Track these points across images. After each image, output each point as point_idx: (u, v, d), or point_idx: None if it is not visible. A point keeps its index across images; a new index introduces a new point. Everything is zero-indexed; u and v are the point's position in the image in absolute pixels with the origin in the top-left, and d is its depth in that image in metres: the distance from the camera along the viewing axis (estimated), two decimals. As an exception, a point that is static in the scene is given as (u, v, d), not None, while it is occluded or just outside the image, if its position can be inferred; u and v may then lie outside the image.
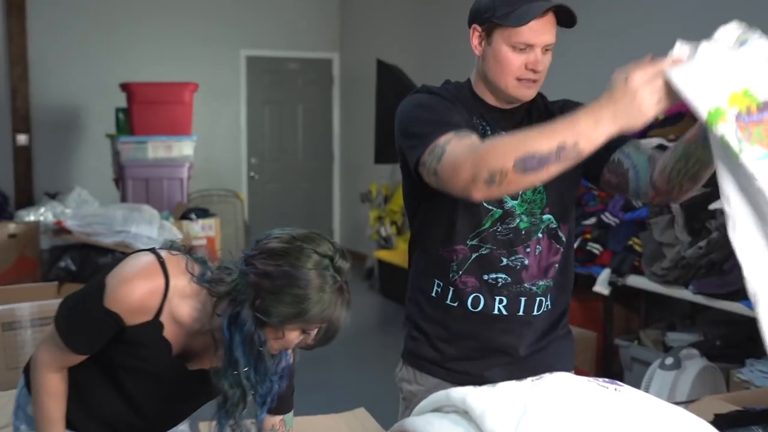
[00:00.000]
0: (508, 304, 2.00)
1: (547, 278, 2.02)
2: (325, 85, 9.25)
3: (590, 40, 5.52)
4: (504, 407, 1.22)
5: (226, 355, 1.68)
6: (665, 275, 3.86)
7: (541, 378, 1.31)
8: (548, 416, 1.19)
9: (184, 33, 8.16)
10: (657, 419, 1.25)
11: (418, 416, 1.39)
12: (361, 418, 2.86)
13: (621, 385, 1.34)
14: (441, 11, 7.05)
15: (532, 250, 1.99)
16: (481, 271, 1.99)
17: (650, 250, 4.03)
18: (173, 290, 1.70)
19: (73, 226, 5.72)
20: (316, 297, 1.60)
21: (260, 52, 8.78)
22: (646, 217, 4.15)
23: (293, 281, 1.59)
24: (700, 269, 3.71)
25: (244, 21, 8.57)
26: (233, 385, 1.70)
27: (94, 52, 7.86)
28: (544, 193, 1.97)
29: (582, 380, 1.32)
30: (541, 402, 1.22)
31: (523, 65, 1.91)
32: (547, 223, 2.00)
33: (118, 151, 6.47)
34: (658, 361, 3.74)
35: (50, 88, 7.80)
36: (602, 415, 1.22)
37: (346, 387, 4.68)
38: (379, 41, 7.91)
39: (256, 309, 1.62)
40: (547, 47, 1.91)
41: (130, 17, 7.96)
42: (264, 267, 1.62)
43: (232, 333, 1.65)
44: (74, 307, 1.78)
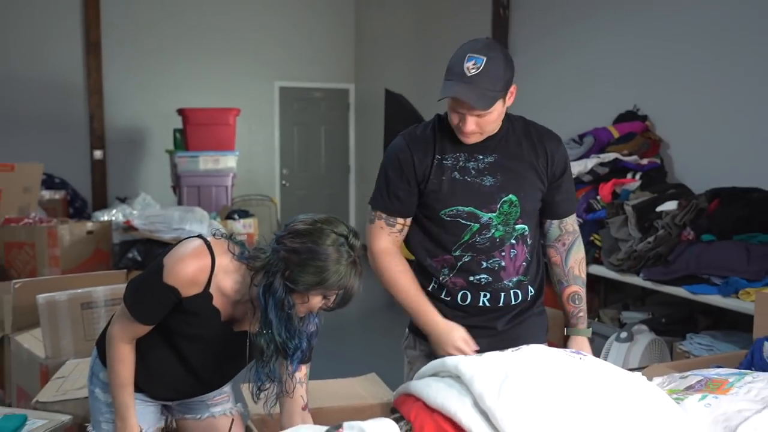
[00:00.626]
0: (491, 297, 2.02)
1: (519, 274, 2.02)
2: (343, 111, 9.24)
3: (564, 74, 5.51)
4: (489, 373, 1.22)
5: (262, 317, 1.70)
6: (620, 265, 3.85)
7: (519, 349, 1.31)
8: (525, 380, 1.19)
9: (229, 68, 8.17)
10: (613, 381, 1.25)
11: (419, 380, 1.39)
12: (373, 382, 2.86)
13: (585, 354, 1.34)
14: (439, 49, 7.05)
15: (506, 253, 1.99)
16: (466, 273, 2.01)
17: (608, 244, 4.03)
18: (218, 267, 1.72)
19: (138, 224, 5.75)
20: (334, 268, 1.63)
21: (290, 83, 8.79)
22: (605, 217, 4.13)
23: (315, 255, 1.63)
24: (648, 260, 3.70)
25: (278, 58, 8.57)
26: (268, 342, 1.71)
27: (156, 83, 7.88)
28: (518, 207, 1.97)
29: (553, 350, 1.32)
30: (519, 368, 1.22)
31: (456, 122, 1.91)
32: (520, 231, 2.00)
33: (175, 164, 6.52)
34: (615, 335, 3.72)
35: (121, 113, 7.82)
36: (570, 379, 1.21)
37: (360, 356, 4.68)
38: (387, 74, 7.90)
39: (286, 279, 1.64)
40: (479, 114, 1.86)
41: (185, 55, 7.97)
42: (291, 244, 1.65)
43: (267, 299, 1.67)
44: (139, 286, 1.78)
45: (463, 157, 1.97)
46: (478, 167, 1.96)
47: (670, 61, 4.49)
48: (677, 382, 1.70)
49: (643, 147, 4.48)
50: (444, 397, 1.24)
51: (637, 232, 3.84)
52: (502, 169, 1.96)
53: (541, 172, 1.99)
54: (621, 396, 1.21)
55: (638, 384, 1.28)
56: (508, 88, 1.91)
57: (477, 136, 1.93)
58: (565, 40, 5.40)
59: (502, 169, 1.96)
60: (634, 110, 4.73)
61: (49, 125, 7.51)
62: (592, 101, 5.10)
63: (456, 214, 1.98)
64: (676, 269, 3.51)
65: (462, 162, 1.97)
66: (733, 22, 4.07)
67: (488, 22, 6.11)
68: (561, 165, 2.02)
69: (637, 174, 4.32)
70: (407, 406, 1.33)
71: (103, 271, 4.71)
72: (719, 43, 4.16)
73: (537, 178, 1.99)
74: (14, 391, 3.57)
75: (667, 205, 3.84)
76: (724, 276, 3.32)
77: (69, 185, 7.36)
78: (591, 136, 4.65)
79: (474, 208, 1.96)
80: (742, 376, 1.61)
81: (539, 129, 2.06)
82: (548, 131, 2.06)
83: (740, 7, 4.03)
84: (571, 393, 1.18)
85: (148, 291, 1.74)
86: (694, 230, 3.62)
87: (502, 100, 1.90)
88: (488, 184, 1.95)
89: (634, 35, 4.76)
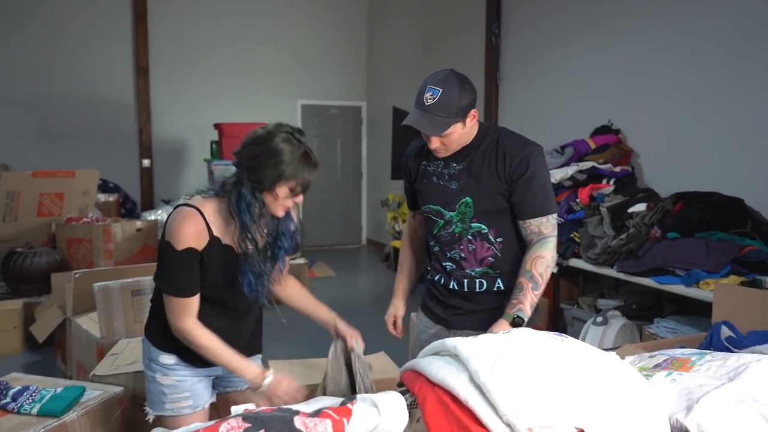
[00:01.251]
0: (457, 283, 2.07)
1: (482, 266, 2.03)
2: (356, 125, 9.24)
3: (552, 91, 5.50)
4: (483, 352, 1.21)
5: (240, 225, 1.71)
6: (596, 259, 3.83)
7: (510, 332, 1.30)
8: (515, 358, 1.19)
9: (258, 88, 8.19)
10: (591, 359, 1.24)
11: (422, 358, 1.39)
12: (382, 359, 2.86)
13: (566, 336, 1.33)
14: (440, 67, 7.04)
15: (465, 247, 2.03)
16: (438, 261, 2.11)
17: (586, 240, 4.01)
18: (207, 213, 1.72)
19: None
20: (288, 159, 1.67)
21: (311, 101, 8.79)
22: (583, 217, 4.12)
23: (271, 153, 1.66)
24: (621, 254, 3.68)
25: (300, 79, 8.58)
26: (251, 242, 1.73)
27: (196, 101, 7.90)
28: (472, 208, 1.99)
29: (539, 333, 1.32)
30: (509, 348, 1.22)
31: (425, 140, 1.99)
32: (476, 229, 2.01)
33: (212, 171, 6.52)
34: (591, 319, 3.71)
35: (165, 127, 7.86)
36: (553, 357, 1.21)
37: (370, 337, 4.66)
38: (395, 93, 7.90)
39: (252, 182, 1.67)
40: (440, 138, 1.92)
41: (221, 77, 7.99)
42: (249, 152, 1.69)
43: (240, 208, 1.69)
44: (164, 270, 1.73)
45: (442, 165, 2.04)
46: (450, 173, 2.02)
47: (640, 81, 4.48)
48: (646, 360, 1.69)
49: (616, 156, 4.47)
50: (444, 373, 1.24)
51: (611, 230, 3.83)
52: (466, 175, 1.99)
53: (501, 176, 1.95)
54: (598, 372, 1.20)
55: (613, 362, 1.27)
56: (466, 113, 1.91)
57: (445, 151, 1.98)
58: (548, 63, 5.38)
59: (466, 175, 1.99)
60: (609, 124, 4.72)
61: (105, 138, 7.56)
62: (572, 116, 5.09)
63: (429, 210, 2.08)
64: (645, 262, 3.50)
65: (440, 168, 2.04)
66: (694, 49, 4.06)
67: (482, 47, 6.10)
68: (520, 170, 1.93)
69: (611, 180, 4.31)
70: (412, 380, 1.33)
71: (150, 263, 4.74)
72: (683, 67, 4.15)
73: (495, 182, 1.95)
74: (74, 366, 3.59)
75: (637, 207, 3.83)
76: (687, 269, 3.31)
77: (121, 189, 7.40)
78: (571, 147, 4.65)
79: (440, 207, 2.05)
80: (703, 355, 1.60)
81: (510, 138, 2.00)
82: (519, 141, 1.99)
83: (700, 35, 4.02)
84: (555, 369, 1.17)
85: (174, 267, 1.70)
86: (661, 229, 3.61)
87: (462, 123, 1.92)
88: (453, 188, 2.01)
89: (609, 58, 4.74)
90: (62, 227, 5.18)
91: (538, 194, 1.96)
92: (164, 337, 1.85)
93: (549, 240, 1.97)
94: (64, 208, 5.55)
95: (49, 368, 4.15)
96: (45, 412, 2.06)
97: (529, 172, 1.93)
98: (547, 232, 1.97)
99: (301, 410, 1.16)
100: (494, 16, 5.94)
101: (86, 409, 2.15)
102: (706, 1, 4.00)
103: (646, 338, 3.43)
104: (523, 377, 1.14)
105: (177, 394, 1.87)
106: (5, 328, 4.50)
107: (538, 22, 5.51)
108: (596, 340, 3.49)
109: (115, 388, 2.34)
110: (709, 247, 3.28)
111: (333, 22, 8.80)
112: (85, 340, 3.33)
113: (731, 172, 3.83)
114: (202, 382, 1.92)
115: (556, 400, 1.12)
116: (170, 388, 1.87)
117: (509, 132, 2.04)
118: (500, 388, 1.12)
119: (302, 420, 1.09)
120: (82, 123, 7.43)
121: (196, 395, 1.89)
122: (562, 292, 4.51)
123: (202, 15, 7.95)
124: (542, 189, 1.96)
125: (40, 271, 4.76)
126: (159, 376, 1.88)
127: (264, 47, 8.28)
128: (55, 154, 7.13)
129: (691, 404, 1.34)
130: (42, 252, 4.91)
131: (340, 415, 1.13)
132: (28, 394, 2.13)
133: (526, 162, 1.94)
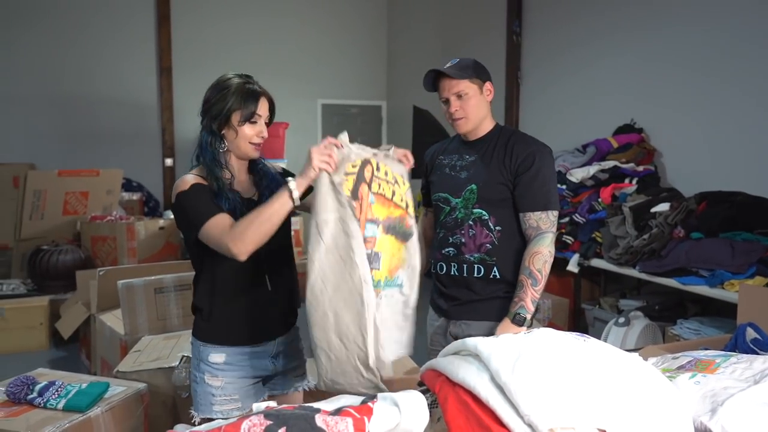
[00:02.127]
0: (458, 268, 2.13)
1: (480, 252, 2.10)
2: (377, 124, 9.24)
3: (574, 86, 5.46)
4: (504, 352, 1.21)
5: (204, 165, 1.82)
6: (618, 259, 3.80)
7: (531, 332, 1.30)
8: (536, 358, 1.18)
9: (279, 88, 8.11)
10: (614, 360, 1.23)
11: (443, 357, 1.39)
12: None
13: (588, 337, 1.32)
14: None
15: (465, 232, 2.11)
16: (440, 248, 2.17)
17: (608, 241, 3.98)
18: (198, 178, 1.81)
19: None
20: (234, 89, 1.78)
21: (331, 100, 8.82)
22: (605, 217, 4.09)
23: (218, 88, 1.82)
24: (644, 255, 3.65)
25: (320, 79, 8.60)
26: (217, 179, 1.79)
27: (218, 101, 7.94)
28: (475, 194, 2.08)
29: (560, 333, 1.31)
30: (531, 348, 1.21)
31: (445, 110, 2.12)
32: (477, 215, 2.09)
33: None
34: (613, 320, 3.68)
35: (188, 126, 7.91)
36: (575, 357, 1.20)
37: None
38: (415, 92, 7.88)
39: (211, 121, 1.79)
40: (458, 94, 2.06)
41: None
42: (204, 100, 1.83)
43: (203, 149, 1.82)
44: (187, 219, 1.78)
45: (456, 158, 2.17)
46: (462, 164, 2.14)
47: (663, 80, 4.43)
48: (669, 362, 1.67)
49: (639, 156, 4.42)
50: (465, 372, 1.23)
51: (633, 230, 3.79)
52: (475, 166, 2.11)
53: (507, 167, 2.06)
54: (621, 373, 1.19)
55: (636, 363, 1.26)
56: (483, 79, 2.08)
57: (465, 121, 2.09)
58: (570, 62, 5.34)
59: (475, 166, 2.11)
60: (632, 123, 4.67)
61: (128, 137, 7.64)
62: (594, 116, 5.04)
63: (438, 198, 2.19)
64: (668, 263, 3.46)
65: (454, 161, 2.17)
66: (718, 48, 4.00)
67: (503, 47, 6.07)
68: (525, 164, 2.03)
69: (634, 179, 4.27)
70: (432, 380, 1.33)
71: (172, 261, 4.80)
72: (706, 65, 4.09)
73: (500, 173, 2.06)
74: (99, 362, 3.64)
75: (660, 207, 3.79)
76: (711, 269, 3.26)
77: (144, 188, 7.48)
78: (593, 146, 4.61)
79: (448, 194, 2.15)
80: (728, 357, 1.58)
81: (521, 136, 2.13)
82: (529, 139, 2.11)
83: (724, 34, 3.96)
84: (577, 369, 1.16)
85: (195, 204, 1.75)
86: (684, 229, 3.56)
87: (478, 87, 2.07)
88: (462, 177, 2.12)
89: (632, 57, 4.69)
90: (87, 225, 5.26)
91: (539, 189, 2.04)
92: (209, 326, 1.85)
93: (546, 235, 2.03)
94: (89, 207, 5.63)
95: (74, 364, 4.22)
96: (70, 407, 2.10)
97: (534, 168, 2.04)
98: (545, 227, 2.04)
99: (322, 408, 1.16)
100: (515, 14, 5.91)
101: (110, 404, 2.18)
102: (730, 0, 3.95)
103: (669, 339, 3.40)
104: (544, 377, 1.14)
105: (226, 397, 1.84)
106: (32, 324, 4.58)
107: (560, 21, 5.47)
108: (618, 341, 3.46)
109: (139, 385, 2.37)
110: (734, 248, 3.23)
111: (353, 21, 8.81)
112: (109, 337, 3.38)
113: (756, 171, 3.77)
114: (251, 384, 1.89)
115: (578, 400, 1.11)
116: (219, 390, 1.83)
117: (522, 133, 2.18)
118: (522, 387, 1.12)
119: (323, 418, 1.10)
120: (107, 123, 7.52)
121: (245, 398, 1.86)
122: (583, 292, 4.48)
123: (223, 15, 8.00)
124: (545, 185, 2.05)
125: (65, 269, 4.85)
126: (207, 377, 1.85)
127: (284, 47, 8.31)
128: (80, 154, 7.23)
129: (715, 407, 1.32)
130: (67, 250, 4.99)
131: (361, 414, 1.13)
132: (54, 390, 2.16)
133: (532, 158, 2.05)
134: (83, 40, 7.35)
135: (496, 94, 2.19)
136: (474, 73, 2.05)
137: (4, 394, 2.17)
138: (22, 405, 2.12)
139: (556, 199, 2.10)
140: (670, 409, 1.20)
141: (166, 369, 2.59)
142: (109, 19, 7.46)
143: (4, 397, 2.16)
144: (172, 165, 7.86)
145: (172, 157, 7.84)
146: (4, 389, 2.18)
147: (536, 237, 2.03)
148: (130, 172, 7.16)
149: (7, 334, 4.51)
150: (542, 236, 2.03)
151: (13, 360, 4.18)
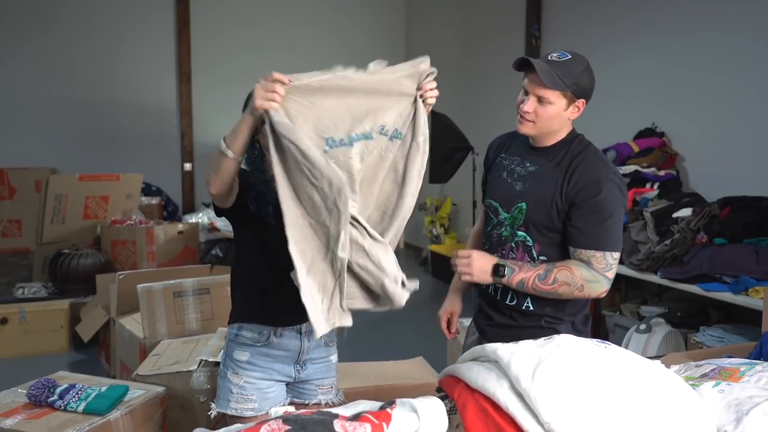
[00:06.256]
0: (494, 288, 1.95)
1: None
2: (395, 128, 9.24)
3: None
4: (524, 358, 1.20)
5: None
6: (640, 264, 3.76)
7: (551, 338, 1.29)
8: (556, 365, 1.17)
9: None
10: (636, 368, 1.22)
11: (462, 363, 1.38)
12: (420, 364, 2.85)
13: (609, 344, 1.31)
14: (478, 74, 7.02)
15: (506, 253, 1.90)
16: None
17: (629, 246, 3.94)
18: None
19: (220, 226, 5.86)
20: None
21: (349, 105, 8.84)
22: (626, 222, 4.05)
23: None
24: (665, 260, 3.61)
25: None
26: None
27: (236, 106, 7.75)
28: (523, 215, 1.86)
29: (581, 340, 1.30)
30: (551, 355, 1.20)
31: (519, 101, 1.86)
32: (521, 238, 1.87)
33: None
34: (634, 327, 3.64)
35: (206, 131, 7.98)
36: (596, 364, 1.19)
37: (408, 342, 4.68)
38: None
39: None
40: (540, 97, 1.79)
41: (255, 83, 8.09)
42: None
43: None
44: None
45: (517, 161, 1.93)
46: (520, 173, 1.90)
47: (685, 83, 4.38)
48: (692, 370, 1.65)
49: (660, 160, 4.38)
50: (484, 379, 1.23)
51: (655, 235, 3.75)
52: (533, 179, 1.86)
53: (563, 191, 1.79)
54: (643, 381, 1.18)
55: (658, 371, 1.24)
56: (578, 93, 1.79)
57: (531, 125, 1.82)
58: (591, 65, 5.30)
59: (532, 180, 1.86)
60: (653, 127, 4.63)
61: (148, 142, 7.72)
62: (615, 119, 5.00)
63: (489, 205, 1.98)
64: (691, 269, 3.42)
65: (513, 165, 1.93)
66: (739, 51, 3.95)
67: (522, 50, 6.05)
68: (582, 194, 1.75)
69: (655, 184, 4.22)
70: (451, 386, 1.33)
71: (192, 265, 4.83)
72: (728, 68, 4.05)
73: (554, 194, 1.79)
74: (118, 365, 3.68)
75: (682, 212, 3.74)
76: (734, 275, 3.22)
77: (163, 192, 7.55)
78: (614, 150, 4.58)
79: (498, 205, 1.94)
80: (753, 366, 1.55)
81: (588, 157, 1.83)
82: (596, 163, 1.81)
83: (745, 37, 3.91)
84: (598, 377, 1.15)
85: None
86: (707, 234, 3.52)
87: (567, 101, 1.79)
88: (517, 189, 1.89)
89: (652, 61, 4.65)
90: (107, 229, 5.31)
91: (598, 225, 1.75)
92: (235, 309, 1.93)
93: (598, 278, 1.76)
94: (109, 211, 5.69)
95: (93, 367, 4.26)
96: (90, 410, 2.11)
97: (598, 199, 1.74)
98: (600, 267, 1.76)
99: (341, 414, 1.16)
100: (534, 18, 5.89)
101: (129, 408, 2.19)
102: (753, 3, 3.90)
103: (692, 347, 3.35)
104: (565, 384, 1.13)
105: (243, 396, 1.87)
106: (53, 327, 4.64)
107: (579, 24, 5.44)
108: (639, 348, 3.42)
109: (158, 388, 2.39)
110: (759, 254, 3.19)
111: (372, 27, 8.83)
112: (128, 340, 3.41)
113: (782, 176, 3.71)
114: (272, 387, 1.91)
115: (599, 408, 1.10)
116: (238, 388, 1.87)
117: (596, 151, 1.87)
118: (542, 395, 1.11)
119: (342, 423, 1.10)
120: (127, 127, 7.61)
121: (262, 400, 1.88)
122: (603, 299, 4.43)
123: (242, 21, 8.06)
124: (605, 220, 1.75)
125: (85, 272, 4.90)
126: (230, 373, 1.89)
127: (303, 52, 8.34)
128: (100, 158, 7.32)
129: (740, 416, 1.30)
130: (87, 253, 5.04)
131: (380, 420, 1.13)
132: (74, 392, 2.18)
133: (597, 187, 1.75)
134: (104, 46, 7.46)
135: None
136: (571, 85, 1.76)
137: (26, 396, 2.19)
138: (42, 408, 2.15)
139: (619, 238, 1.79)
140: (693, 417, 1.18)
141: (185, 373, 2.61)
142: (130, 25, 7.56)
143: (26, 400, 2.18)
144: (191, 170, 7.93)
145: (191, 161, 7.91)
146: (25, 392, 2.21)
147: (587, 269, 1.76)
148: (149, 177, 7.23)
149: (28, 337, 4.57)
150: (593, 274, 1.75)
151: (33, 363, 4.24)
